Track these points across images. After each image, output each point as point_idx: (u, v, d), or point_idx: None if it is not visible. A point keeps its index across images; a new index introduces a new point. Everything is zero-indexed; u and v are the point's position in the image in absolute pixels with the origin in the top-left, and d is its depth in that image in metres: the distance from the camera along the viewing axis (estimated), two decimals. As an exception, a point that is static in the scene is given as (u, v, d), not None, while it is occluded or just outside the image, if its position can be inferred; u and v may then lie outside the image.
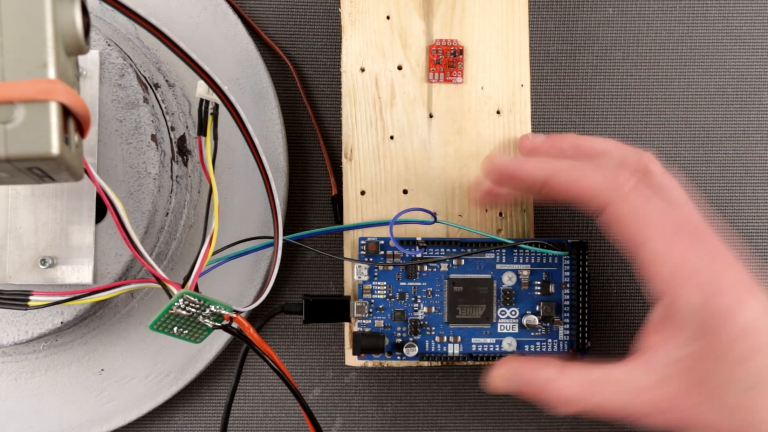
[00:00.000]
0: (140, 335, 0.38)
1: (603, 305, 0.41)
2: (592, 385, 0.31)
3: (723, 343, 0.29)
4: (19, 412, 0.38)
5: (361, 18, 0.37)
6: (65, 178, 0.25)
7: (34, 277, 0.33)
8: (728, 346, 0.29)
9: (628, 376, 0.31)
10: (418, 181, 0.37)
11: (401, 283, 0.35)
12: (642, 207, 0.30)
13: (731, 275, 0.30)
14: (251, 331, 0.30)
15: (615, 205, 0.30)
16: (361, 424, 0.41)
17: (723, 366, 0.29)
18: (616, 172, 0.31)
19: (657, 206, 0.30)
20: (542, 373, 0.32)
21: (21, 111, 0.22)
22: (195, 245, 0.38)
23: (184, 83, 0.39)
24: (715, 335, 0.29)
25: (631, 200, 0.30)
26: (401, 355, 0.35)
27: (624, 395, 0.31)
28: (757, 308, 0.29)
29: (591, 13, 0.42)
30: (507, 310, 0.36)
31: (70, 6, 0.23)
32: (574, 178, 0.31)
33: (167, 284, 0.29)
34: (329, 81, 0.41)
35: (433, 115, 0.37)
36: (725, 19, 0.42)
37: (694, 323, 0.29)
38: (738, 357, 0.29)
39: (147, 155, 0.35)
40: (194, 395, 0.40)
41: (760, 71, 0.42)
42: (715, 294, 0.29)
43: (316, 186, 0.41)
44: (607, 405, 0.31)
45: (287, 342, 0.41)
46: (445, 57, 0.37)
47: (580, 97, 0.42)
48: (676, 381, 0.30)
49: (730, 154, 0.42)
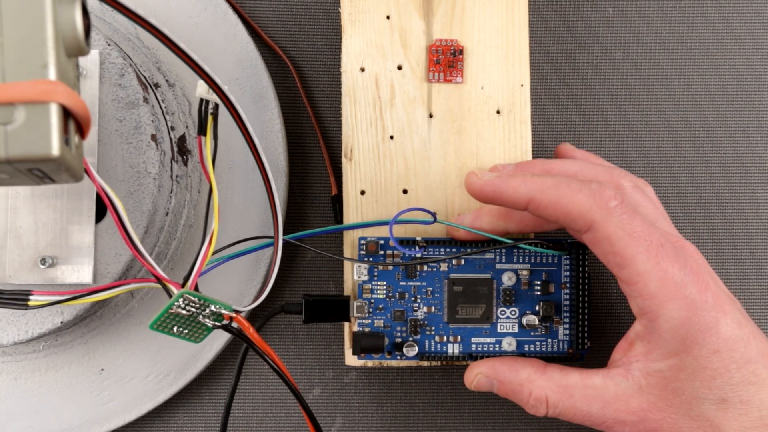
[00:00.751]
0: (140, 335, 0.38)
1: (603, 305, 0.41)
2: (569, 389, 0.32)
3: (702, 356, 0.30)
4: (19, 412, 0.38)
5: (361, 18, 0.37)
6: (65, 179, 0.25)
7: (34, 277, 0.33)
8: (706, 359, 0.30)
9: (605, 384, 0.31)
10: (418, 181, 0.37)
11: (401, 282, 0.35)
12: (627, 225, 0.30)
13: (714, 289, 0.30)
14: (251, 330, 0.30)
15: (601, 224, 0.30)
16: (361, 424, 0.41)
17: (700, 378, 0.30)
18: (600, 189, 0.31)
19: (641, 223, 0.30)
20: (520, 373, 0.33)
21: (21, 112, 0.22)
22: (195, 245, 0.38)
23: (184, 83, 0.39)
24: (695, 348, 0.30)
25: (616, 218, 0.30)
26: (401, 355, 0.35)
27: (599, 402, 0.31)
28: (735, 322, 0.30)
29: (591, 13, 0.42)
30: (507, 310, 0.36)
31: (70, 7, 0.23)
32: (559, 196, 0.31)
33: (167, 284, 0.29)
34: (329, 81, 0.41)
35: (433, 115, 0.37)
36: (725, 19, 0.42)
37: (677, 336, 0.30)
38: (714, 370, 0.30)
39: (147, 155, 0.35)
40: (194, 395, 0.40)
41: (760, 71, 0.42)
42: (700, 308, 0.30)
43: (316, 186, 0.41)
44: (581, 410, 0.32)
45: (287, 342, 0.41)
46: (445, 57, 0.37)
47: (580, 97, 0.42)
48: (653, 392, 0.31)
49: (730, 154, 0.42)
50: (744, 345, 0.30)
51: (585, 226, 0.31)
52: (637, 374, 0.31)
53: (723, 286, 0.32)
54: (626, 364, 0.32)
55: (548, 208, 0.31)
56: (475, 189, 0.34)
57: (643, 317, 0.31)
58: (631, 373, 0.31)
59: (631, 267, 0.30)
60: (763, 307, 0.42)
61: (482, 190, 0.33)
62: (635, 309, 0.31)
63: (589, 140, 0.42)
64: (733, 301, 0.31)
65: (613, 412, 0.31)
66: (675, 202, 0.42)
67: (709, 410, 0.30)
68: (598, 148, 0.42)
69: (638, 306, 0.31)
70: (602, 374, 0.32)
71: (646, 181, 0.36)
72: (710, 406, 0.30)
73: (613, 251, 0.30)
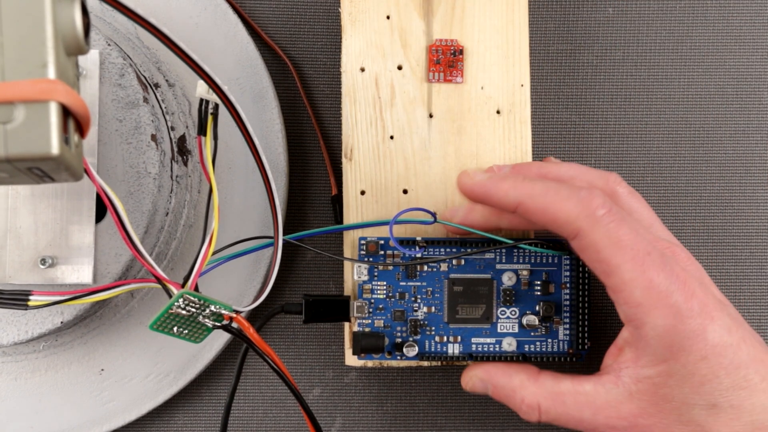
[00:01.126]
0: (140, 335, 0.38)
1: (603, 305, 0.41)
2: (561, 396, 0.32)
3: (690, 362, 0.30)
4: (19, 412, 0.38)
5: (361, 18, 0.37)
6: (65, 178, 0.25)
7: (34, 277, 0.33)
8: (694, 366, 0.30)
9: (596, 390, 0.32)
10: (418, 181, 0.37)
11: (401, 283, 0.35)
12: (614, 233, 0.30)
13: (701, 296, 0.30)
14: (251, 331, 0.30)
15: (587, 232, 0.30)
16: (361, 424, 0.41)
17: (689, 384, 0.30)
18: (589, 197, 0.31)
19: (628, 231, 0.30)
20: (513, 379, 0.33)
21: (21, 111, 0.22)
22: (195, 245, 0.38)
23: (184, 83, 0.39)
24: (683, 355, 0.30)
25: (603, 226, 0.30)
26: (401, 355, 0.35)
27: (590, 409, 0.32)
28: (723, 328, 0.30)
29: (591, 13, 0.42)
30: (507, 310, 0.36)
31: (70, 6, 0.23)
32: (548, 203, 0.31)
33: (167, 284, 0.29)
34: (329, 81, 0.41)
35: (433, 115, 0.37)
36: (725, 19, 0.42)
37: (663, 343, 0.30)
38: (703, 376, 0.30)
39: (147, 155, 0.35)
40: (194, 395, 0.40)
41: (760, 71, 0.42)
42: (686, 315, 0.30)
43: (316, 186, 0.41)
44: (573, 416, 0.32)
45: (287, 342, 0.41)
46: (445, 57, 0.37)
47: (580, 97, 0.42)
48: (643, 398, 0.31)
49: (730, 154, 0.42)
50: (734, 351, 0.30)
51: (572, 233, 0.31)
52: (627, 380, 0.31)
53: (714, 292, 0.32)
54: (616, 370, 0.32)
55: (536, 213, 0.32)
56: (466, 189, 0.35)
57: (629, 324, 0.31)
58: (621, 379, 0.31)
59: (617, 275, 0.30)
60: (763, 307, 0.42)
61: (473, 190, 0.35)
62: (622, 316, 0.32)
63: (589, 140, 0.42)
64: (723, 306, 0.31)
65: (604, 419, 0.31)
66: (675, 202, 0.42)
67: (700, 415, 0.30)
68: (598, 148, 0.42)
69: (624, 313, 0.31)
70: (593, 381, 0.32)
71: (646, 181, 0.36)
72: (701, 412, 0.30)
73: (599, 259, 0.31)
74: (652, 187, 0.42)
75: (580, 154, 0.42)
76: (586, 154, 0.42)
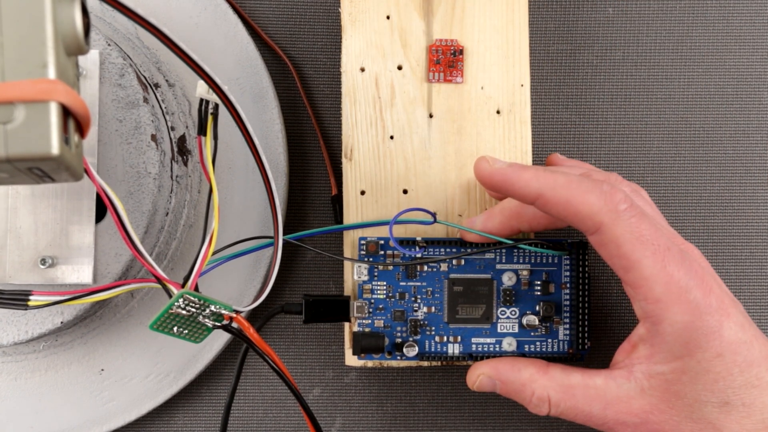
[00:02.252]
0: (140, 335, 0.38)
1: (603, 305, 0.41)
2: (571, 389, 0.32)
3: (705, 359, 0.30)
4: (19, 412, 0.38)
5: (361, 18, 0.37)
6: (65, 178, 0.25)
7: (34, 277, 0.33)
8: (709, 363, 0.30)
9: (607, 384, 0.31)
10: (418, 181, 0.37)
11: (401, 283, 0.35)
12: (635, 228, 0.30)
13: (718, 292, 0.30)
14: (251, 331, 0.30)
15: (609, 226, 0.30)
16: (361, 424, 0.41)
17: (703, 381, 0.30)
18: (612, 191, 0.30)
19: (648, 227, 0.30)
20: (523, 373, 0.33)
21: (21, 111, 0.22)
22: (195, 245, 0.38)
23: (184, 83, 0.39)
24: (699, 352, 0.30)
25: (625, 221, 0.30)
26: (401, 355, 0.35)
27: (600, 403, 0.31)
28: (738, 325, 0.30)
29: (591, 13, 0.42)
30: (507, 310, 0.36)
31: (70, 6, 0.23)
32: (570, 195, 0.31)
33: (167, 284, 0.29)
34: (329, 81, 0.41)
35: (433, 115, 0.37)
36: (725, 19, 0.42)
37: (680, 340, 0.30)
38: (717, 373, 0.30)
39: (147, 155, 0.35)
40: (194, 395, 0.40)
41: (760, 71, 0.42)
42: (705, 312, 0.30)
43: (316, 186, 0.41)
44: (583, 410, 0.32)
45: (287, 342, 0.41)
46: (445, 57, 0.37)
47: (580, 97, 0.42)
48: (655, 394, 0.31)
49: (730, 154, 0.42)
50: (747, 348, 0.30)
51: (593, 227, 0.30)
52: (639, 376, 0.31)
53: (726, 289, 0.32)
54: (629, 366, 0.32)
55: (557, 206, 0.31)
56: (485, 175, 0.33)
57: (646, 320, 0.31)
58: (634, 375, 0.31)
59: (637, 270, 0.30)
60: (763, 308, 0.42)
61: (492, 177, 0.33)
62: (639, 312, 0.31)
63: (589, 140, 0.42)
64: (736, 304, 0.31)
65: (614, 413, 0.31)
66: (675, 202, 0.42)
67: (711, 413, 0.30)
68: (598, 148, 0.42)
69: (642, 309, 0.31)
70: (604, 375, 0.32)
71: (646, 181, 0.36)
72: (712, 409, 0.30)
73: (619, 254, 0.30)
74: (652, 187, 0.42)
75: (580, 154, 0.42)
76: (586, 154, 0.42)
